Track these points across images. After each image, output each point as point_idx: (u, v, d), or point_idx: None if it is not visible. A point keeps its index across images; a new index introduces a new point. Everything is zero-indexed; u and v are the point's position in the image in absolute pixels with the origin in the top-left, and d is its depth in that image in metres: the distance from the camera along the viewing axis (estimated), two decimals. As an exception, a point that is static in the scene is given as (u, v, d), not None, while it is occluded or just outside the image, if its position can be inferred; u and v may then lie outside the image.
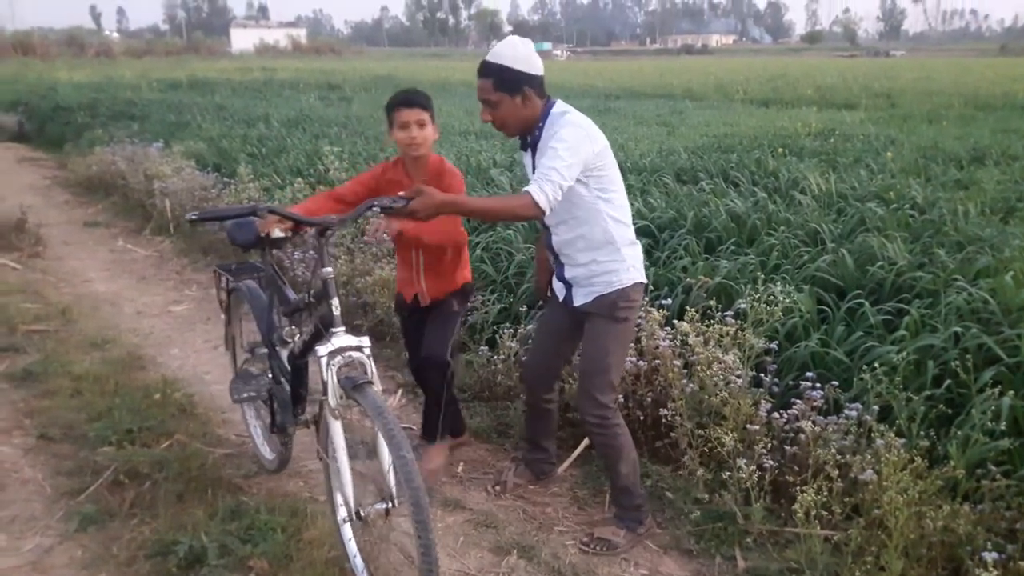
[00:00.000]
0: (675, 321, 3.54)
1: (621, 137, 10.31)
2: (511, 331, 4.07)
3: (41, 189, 10.31)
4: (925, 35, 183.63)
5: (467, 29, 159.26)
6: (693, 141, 10.06)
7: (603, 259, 2.82)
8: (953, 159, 8.59)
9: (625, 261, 2.82)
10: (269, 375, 3.16)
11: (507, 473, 3.35)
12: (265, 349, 3.18)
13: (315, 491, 3.25)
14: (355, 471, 2.48)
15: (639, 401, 3.49)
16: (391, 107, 3.12)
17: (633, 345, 3.50)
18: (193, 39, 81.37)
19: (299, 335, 2.86)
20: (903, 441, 2.75)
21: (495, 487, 3.31)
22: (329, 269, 2.56)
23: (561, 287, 2.98)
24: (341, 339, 2.48)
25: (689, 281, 4.24)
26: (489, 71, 2.72)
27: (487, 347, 4.20)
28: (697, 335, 3.36)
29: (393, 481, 2.39)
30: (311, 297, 2.71)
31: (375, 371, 2.47)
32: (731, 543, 2.89)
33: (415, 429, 3.82)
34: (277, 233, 2.76)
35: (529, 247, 5.22)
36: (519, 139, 2.88)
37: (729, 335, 3.32)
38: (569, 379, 3.44)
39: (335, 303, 2.53)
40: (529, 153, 2.84)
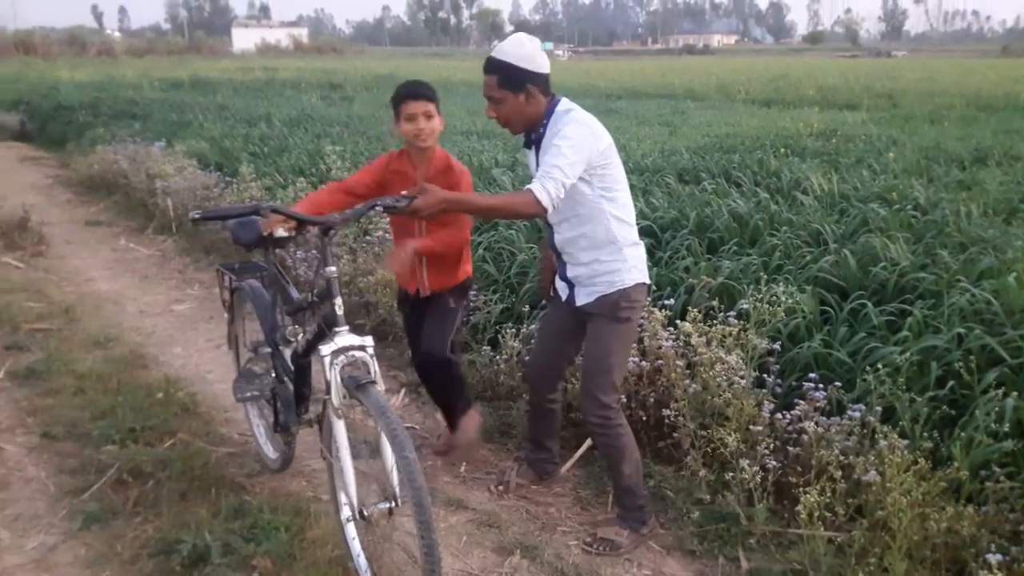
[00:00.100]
0: (678, 321, 3.54)
1: (623, 137, 10.30)
2: (513, 331, 4.07)
3: (43, 188, 10.31)
4: (927, 36, 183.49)
5: (469, 29, 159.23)
6: (695, 141, 10.06)
7: (605, 259, 2.81)
8: (955, 160, 8.59)
9: (627, 261, 2.82)
10: (272, 374, 3.16)
11: (510, 473, 3.35)
12: (268, 348, 3.18)
13: (318, 490, 3.25)
14: (358, 470, 2.48)
15: (642, 401, 3.49)
16: (398, 99, 3.12)
17: (636, 345, 3.50)
18: (195, 38, 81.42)
19: (302, 334, 2.86)
20: (906, 442, 2.75)
21: (498, 487, 3.31)
22: (332, 268, 2.55)
23: (564, 286, 2.98)
24: (344, 338, 2.48)
25: (691, 281, 4.24)
26: (494, 68, 2.72)
27: (489, 347, 4.20)
28: (700, 335, 3.36)
29: (396, 481, 2.39)
30: (314, 296, 2.71)
31: (378, 370, 2.47)
32: (734, 544, 2.89)
33: (418, 428, 3.83)
34: (280, 232, 2.76)
35: (532, 247, 5.22)
36: (523, 136, 2.88)
37: (732, 335, 3.32)
38: (572, 379, 3.44)
39: (338, 302, 2.53)
40: (533, 151, 2.84)
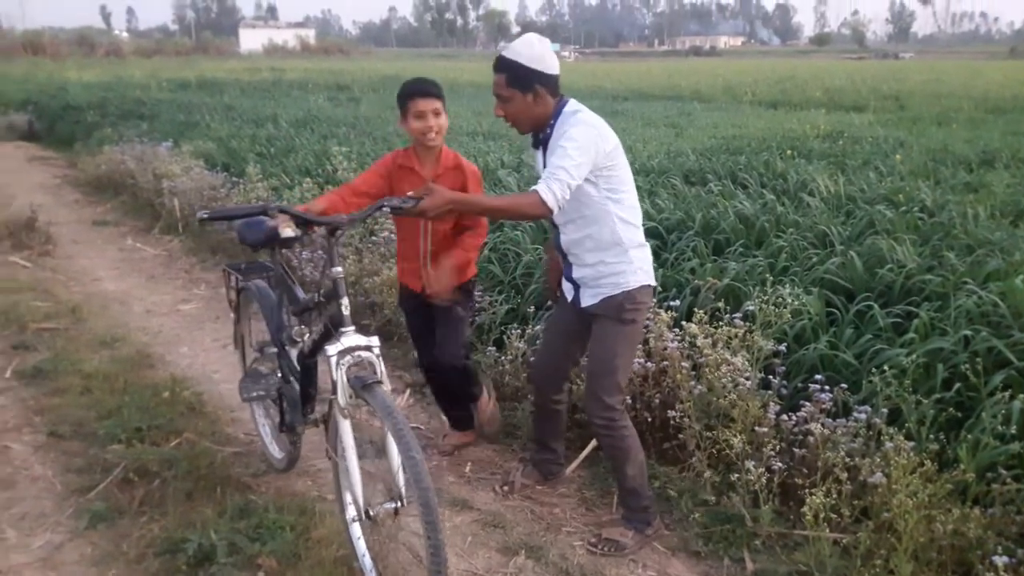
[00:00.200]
0: (683, 323, 3.53)
1: (629, 138, 10.29)
2: (519, 332, 4.07)
3: (51, 188, 10.36)
4: (934, 37, 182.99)
5: (475, 30, 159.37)
6: (701, 143, 10.05)
7: (610, 260, 2.81)
8: (963, 162, 8.56)
9: (632, 263, 2.82)
10: (278, 374, 3.17)
11: (515, 473, 3.35)
12: (274, 348, 3.19)
13: (324, 490, 3.26)
14: (364, 470, 2.49)
15: (647, 403, 3.48)
16: (405, 96, 3.14)
17: (641, 347, 3.50)
18: (202, 39, 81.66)
19: (308, 334, 2.87)
20: (912, 444, 2.74)
21: (503, 487, 3.31)
22: (339, 268, 2.56)
23: (569, 287, 2.98)
24: (351, 338, 2.48)
25: (697, 283, 4.23)
26: (504, 66, 2.73)
27: (495, 348, 4.20)
28: (705, 337, 3.36)
29: (402, 480, 2.39)
30: (321, 296, 2.71)
31: (384, 370, 2.47)
32: (739, 545, 2.89)
33: (423, 429, 3.83)
34: (287, 232, 2.76)
35: (537, 247, 5.22)
36: (530, 137, 2.88)
37: (737, 337, 3.31)
38: (577, 380, 3.44)
39: (345, 302, 2.53)
40: (540, 151, 2.84)
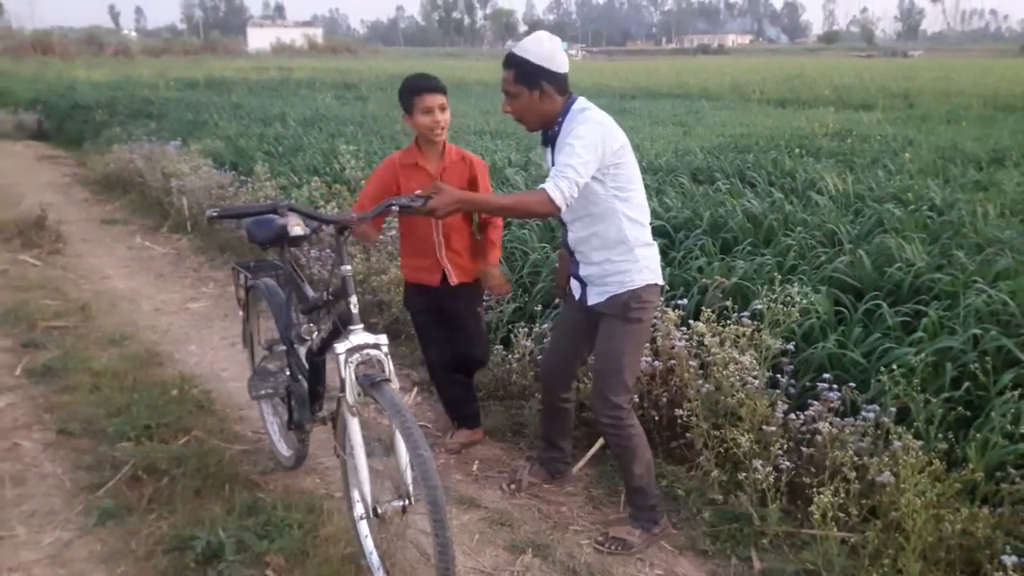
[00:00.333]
0: (691, 321, 3.53)
1: (637, 137, 10.29)
2: (526, 330, 4.07)
3: (60, 187, 10.40)
4: (944, 35, 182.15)
5: (482, 29, 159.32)
6: (709, 141, 10.03)
7: (616, 259, 2.81)
8: (972, 160, 8.53)
9: (639, 262, 2.81)
10: (287, 372, 3.18)
11: (522, 472, 3.35)
12: (283, 346, 3.19)
13: (331, 488, 3.27)
14: (372, 468, 2.49)
15: (654, 401, 3.48)
16: (412, 93, 3.19)
17: (649, 345, 3.49)
18: (210, 38, 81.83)
19: (317, 332, 2.87)
20: (921, 443, 2.74)
21: (510, 485, 3.31)
22: (348, 267, 2.56)
23: (577, 285, 2.98)
24: (359, 337, 2.49)
25: (705, 281, 4.23)
26: (512, 63, 2.74)
27: (502, 346, 4.21)
28: (713, 335, 3.35)
29: (410, 478, 2.40)
30: (329, 295, 2.72)
31: (392, 369, 2.48)
32: (747, 544, 2.89)
33: (430, 427, 3.84)
34: (296, 231, 2.77)
35: (544, 246, 5.23)
36: (540, 136, 2.89)
37: (745, 336, 3.31)
38: (585, 378, 3.44)
39: (353, 301, 2.54)
40: (549, 149, 2.85)
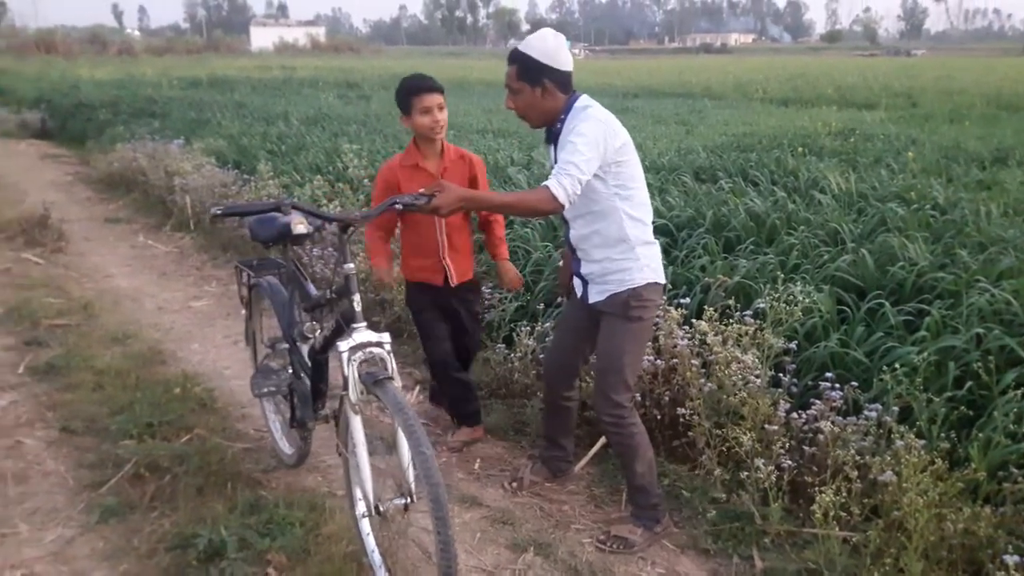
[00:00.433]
0: (693, 320, 3.52)
1: (640, 136, 10.28)
2: (528, 329, 4.07)
3: (63, 185, 10.42)
4: (947, 34, 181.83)
5: (485, 28, 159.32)
6: (712, 140, 10.02)
7: (617, 257, 2.81)
8: (975, 159, 8.51)
9: (639, 260, 2.81)
10: (289, 370, 3.18)
11: (524, 471, 3.35)
12: (286, 344, 3.20)
13: (333, 486, 3.27)
14: (374, 466, 2.49)
15: (656, 400, 3.48)
16: (410, 93, 3.24)
17: (651, 344, 3.49)
18: (213, 37, 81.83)
19: (320, 330, 2.88)
20: (923, 442, 2.73)
21: (512, 484, 3.31)
22: (351, 265, 2.56)
23: (578, 283, 2.99)
24: (362, 335, 2.49)
25: (707, 280, 4.23)
26: (515, 59, 2.76)
27: (504, 345, 4.21)
28: (715, 334, 3.35)
29: (412, 477, 2.40)
30: (332, 293, 2.72)
31: (395, 367, 2.48)
32: (749, 543, 2.88)
33: (432, 426, 3.84)
34: (300, 229, 2.77)
35: (547, 245, 5.23)
36: (544, 133, 2.89)
37: (748, 335, 3.31)
38: (587, 377, 3.44)
39: (356, 299, 2.54)
40: (552, 146, 2.85)
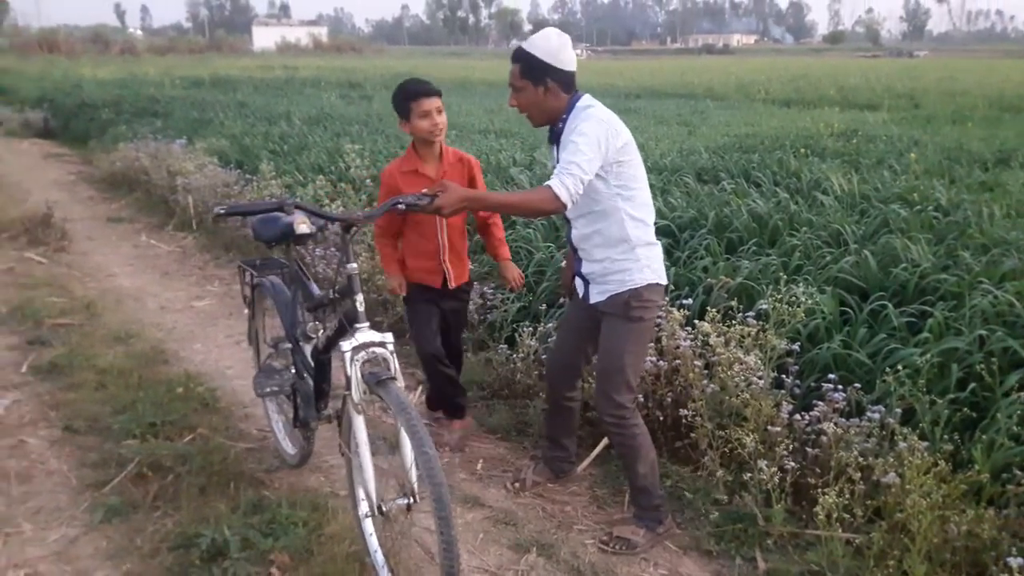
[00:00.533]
0: (696, 321, 3.52)
1: (642, 136, 10.27)
2: (530, 329, 4.07)
3: (66, 185, 10.43)
4: (949, 35, 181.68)
5: (487, 28, 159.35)
6: (714, 141, 10.02)
7: (617, 257, 2.81)
8: (978, 161, 8.50)
9: (640, 261, 2.81)
10: (292, 370, 3.18)
11: (526, 471, 3.35)
12: (288, 344, 3.20)
13: (336, 486, 3.28)
14: (377, 466, 2.49)
15: (659, 401, 3.48)
16: (408, 98, 3.26)
17: (653, 345, 3.50)
18: (215, 37, 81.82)
19: (323, 330, 2.88)
20: (926, 444, 2.73)
21: (514, 484, 3.31)
22: (354, 265, 2.57)
23: (580, 283, 2.99)
24: (365, 335, 2.49)
25: (710, 281, 4.22)
26: (519, 57, 2.77)
27: (506, 345, 4.21)
28: (718, 335, 3.35)
29: (415, 476, 2.40)
30: (335, 293, 2.73)
31: (398, 367, 2.48)
32: (751, 544, 2.88)
33: (434, 426, 3.84)
34: (303, 229, 2.77)
35: (549, 245, 5.23)
36: (547, 132, 2.89)
37: (750, 336, 3.30)
38: (590, 378, 3.44)
39: (359, 299, 2.54)
40: (555, 146, 2.85)
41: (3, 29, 70.73)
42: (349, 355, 2.46)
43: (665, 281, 2.93)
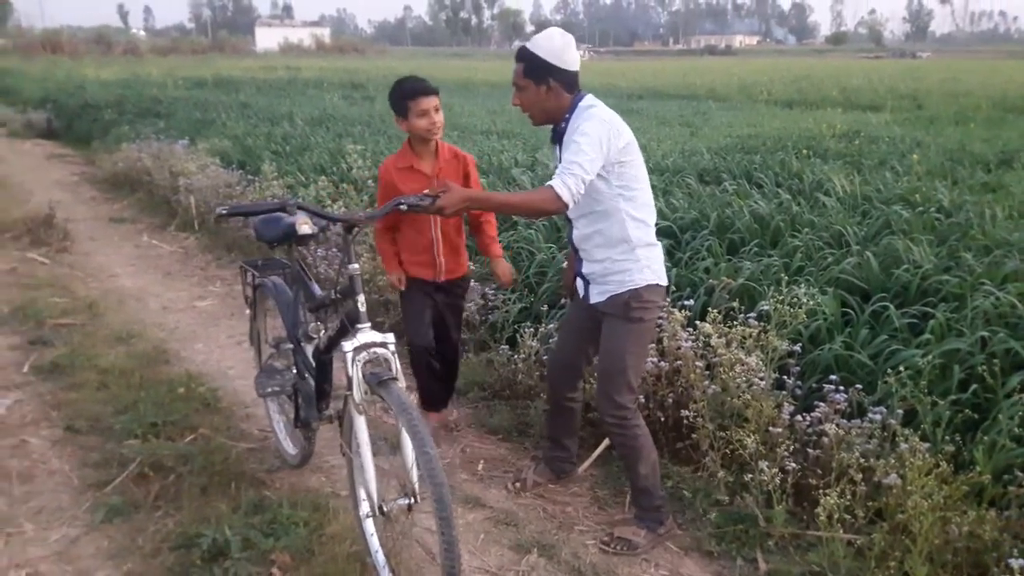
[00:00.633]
0: (697, 322, 3.52)
1: (644, 137, 10.27)
2: (532, 330, 4.07)
3: (69, 185, 10.45)
4: (952, 36, 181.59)
5: (490, 29, 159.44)
6: (716, 142, 10.01)
7: (618, 258, 2.81)
8: (981, 162, 8.49)
9: (639, 261, 2.81)
10: (294, 370, 3.18)
11: (527, 471, 3.36)
12: (290, 344, 3.20)
13: (337, 486, 3.28)
14: (378, 466, 2.50)
15: (660, 402, 3.48)
16: (406, 96, 3.28)
17: (655, 346, 3.50)
18: (218, 38, 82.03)
19: (324, 331, 2.88)
20: (928, 445, 2.73)
21: (515, 484, 3.31)
22: (356, 265, 2.57)
23: (581, 283, 2.99)
24: (366, 335, 2.50)
25: (712, 282, 4.22)
26: (522, 56, 2.78)
27: (508, 346, 4.21)
28: (719, 336, 3.35)
29: (416, 477, 2.40)
30: (337, 293, 2.73)
31: (399, 367, 2.48)
32: (752, 545, 2.88)
33: (435, 426, 3.84)
34: (305, 229, 2.78)
35: (551, 246, 5.23)
36: (550, 133, 2.90)
37: (752, 337, 3.30)
38: (591, 378, 3.44)
39: (361, 299, 2.54)
40: (557, 146, 2.85)
41: (6, 30, 70.87)
42: (351, 355, 2.46)
43: (665, 282, 2.93)
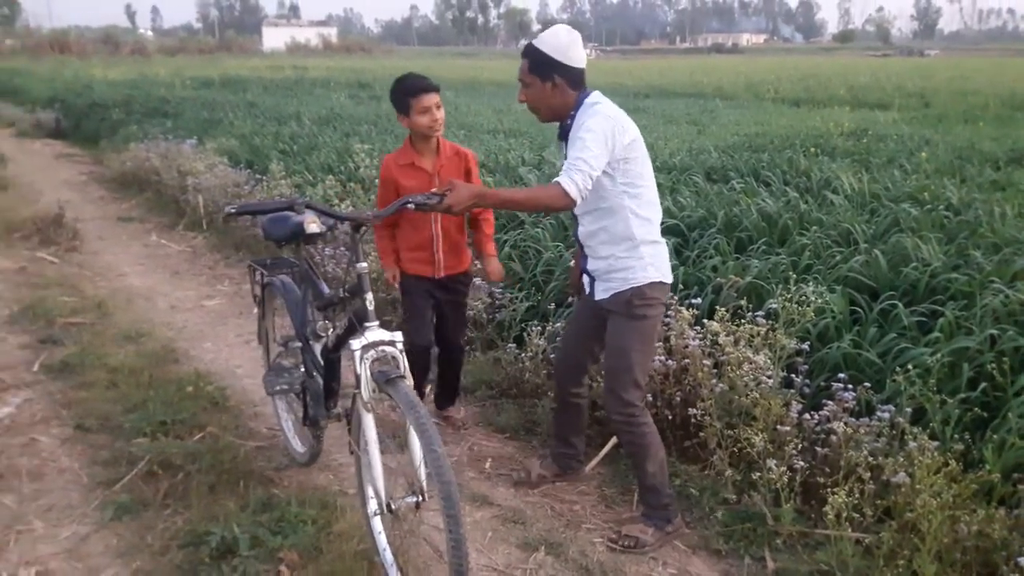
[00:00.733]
0: (705, 320, 3.52)
1: (651, 136, 10.25)
2: (539, 329, 4.07)
3: (77, 185, 10.49)
4: (961, 34, 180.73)
5: (496, 28, 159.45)
6: (723, 140, 9.99)
7: (621, 255, 2.81)
8: (990, 160, 8.45)
9: (643, 259, 2.81)
10: (302, 369, 3.19)
11: (533, 465, 3.36)
12: (298, 343, 3.21)
13: (345, 484, 3.29)
14: (386, 465, 2.50)
15: (668, 400, 3.48)
16: (408, 94, 3.30)
17: (662, 344, 3.49)
18: (225, 38, 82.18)
19: (332, 329, 2.89)
20: (937, 444, 2.72)
21: (520, 474, 3.33)
22: (364, 264, 2.58)
23: (586, 279, 2.99)
24: (375, 333, 2.50)
25: (719, 280, 4.22)
26: (528, 52, 2.79)
27: (515, 344, 4.21)
28: (727, 335, 3.34)
29: (424, 475, 2.40)
30: (345, 292, 2.73)
31: (407, 365, 2.49)
32: (760, 544, 2.88)
33: (443, 424, 3.84)
34: (313, 228, 2.78)
35: (558, 245, 5.23)
36: (557, 130, 2.90)
37: (760, 335, 3.30)
38: (598, 376, 3.44)
39: (369, 298, 2.55)
40: (564, 143, 2.85)
41: (15, 30, 71.19)
42: (359, 353, 2.47)
43: (670, 279, 2.92)
